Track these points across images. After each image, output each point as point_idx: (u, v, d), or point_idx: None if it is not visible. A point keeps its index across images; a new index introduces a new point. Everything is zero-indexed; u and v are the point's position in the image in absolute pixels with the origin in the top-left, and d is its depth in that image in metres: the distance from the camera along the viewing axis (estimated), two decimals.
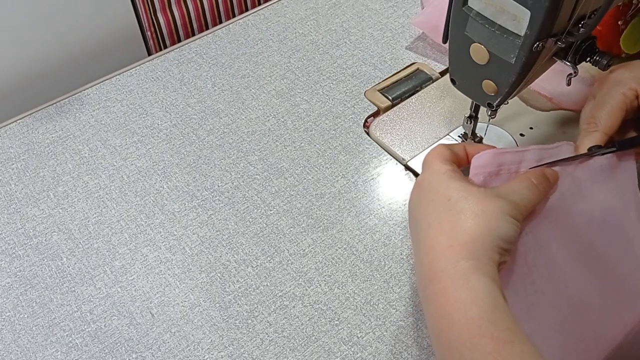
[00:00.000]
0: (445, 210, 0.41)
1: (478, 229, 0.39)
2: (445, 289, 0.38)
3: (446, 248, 0.39)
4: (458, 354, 0.36)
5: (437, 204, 0.42)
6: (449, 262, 0.39)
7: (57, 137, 0.68)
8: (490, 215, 0.40)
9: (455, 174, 0.44)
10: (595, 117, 0.49)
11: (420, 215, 0.43)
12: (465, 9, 0.46)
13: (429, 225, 0.41)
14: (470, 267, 0.38)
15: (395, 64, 0.73)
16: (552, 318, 0.43)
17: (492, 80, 0.49)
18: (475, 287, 0.37)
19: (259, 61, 0.75)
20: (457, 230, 0.40)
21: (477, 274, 0.38)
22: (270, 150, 0.65)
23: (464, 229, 0.40)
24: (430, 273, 0.39)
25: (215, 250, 0.57)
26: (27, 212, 0.61)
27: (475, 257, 0.38)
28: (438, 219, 0.41)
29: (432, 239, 0.41)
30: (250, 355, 0.50)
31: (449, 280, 0.38)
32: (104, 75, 0.74)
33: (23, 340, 0.52)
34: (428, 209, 0.42)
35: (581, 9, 0.43)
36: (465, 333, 0.36)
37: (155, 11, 0.83)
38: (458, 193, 0.42)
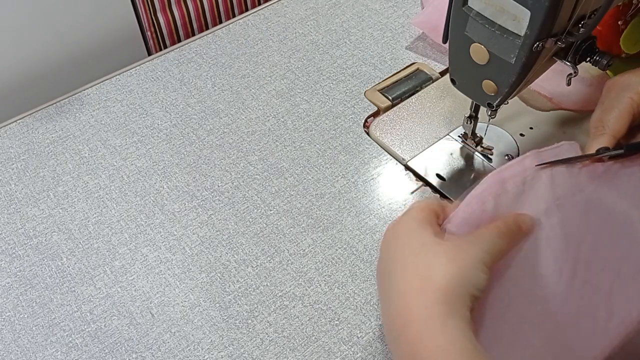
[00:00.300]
0: (421, 255, 0.41)
1: (452, 274, 0.39)
2: (421, 333, 0.38)
3: (421, 291, 0.39)
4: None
5: (412, 248, 0.42)
6: (424, 306, 0.38)
7: (57, 137, 0.68)
8: (461, 261, 0.40)
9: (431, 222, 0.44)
10: (603, 121, 0.49)
11: (394, 257, 0.43)
12: (465, 9, 0.46)
13: (404, 269, 0.41)
14: (444, 311, 0.38)
15: (395, 64, 0.73)
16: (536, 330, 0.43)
17: (492, 80, 0.49)
18: (450, 332, 0.37)
19: (259, 61, 0.75)
20: (432, 275, 0.40)
21: (452, 318, 0.38)
22: (270, 150, 0.65)
23: (439, 274, 0.39)
24: (404, 318, 0.39)
25: (215, 250, 0.57)
26: (27, 212, 0.61)
27: (449, 301, 0.38)
28: (413, 263, 0.41)
29: (407, 283, 0.40)
30: (250, 355, 0.50)
31: (424, 324, 0.38)
32: (104, 75, 0.74)
33: (23, 340, 0.52)
34: (404, 252, 0.42)
35: (581, 9, 0.44)
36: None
37: (155, 11, 0.83)
38: (433, 239, 0.42)
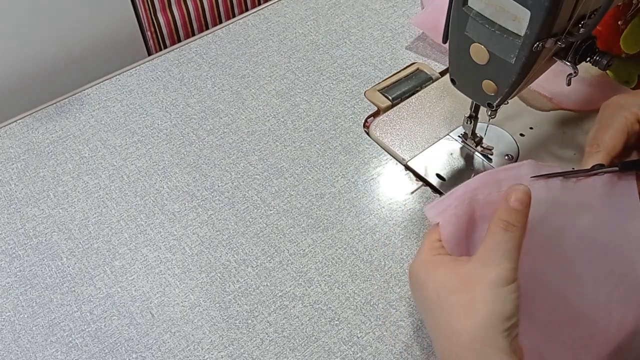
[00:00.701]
0: (439, 311, 0.40)
1: (474, 324, 0.38)
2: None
3: (453, 355, 0.38)
4: None
5: (429, 303, 0.41)
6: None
7: (57, 137, 0.68)
8: (480, 301, 0.38)
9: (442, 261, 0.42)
10: (598, 139, 0.49)
11: (422, 313, 0.43)
12: (465, 9, 0.46)
13: (431, 328, 0.41)
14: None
15: (395, 64, 0.73)
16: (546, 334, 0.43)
17: (492, 80, 0.49)
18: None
19: (259, 61, 0.75)
20: (456, 334, 0.39)
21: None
22: (270, 150, 0.65)
23: (462, 330, 0.38)
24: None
25: (215, 250, 0.57)
26: (27, 212, 0.61)
27: (483, 357, 0.37)
28: (436, 323, 0.41)
29: (439, 345, 0.40)
30: (250, 355, 0.50)
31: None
32: (104, 75, 0.74)
33: (23, 340, 0.52)
34: (425, 308, 0.42)
35: (581, 9, 0.43)
36: None
37: (155, 11, 0.83)
38: (445, 286, 0.40)
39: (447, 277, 0.41)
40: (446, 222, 0.44)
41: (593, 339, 0.44)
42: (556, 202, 0.46)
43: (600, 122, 0.51)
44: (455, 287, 0.40)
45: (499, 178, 0.46)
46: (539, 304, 0.44)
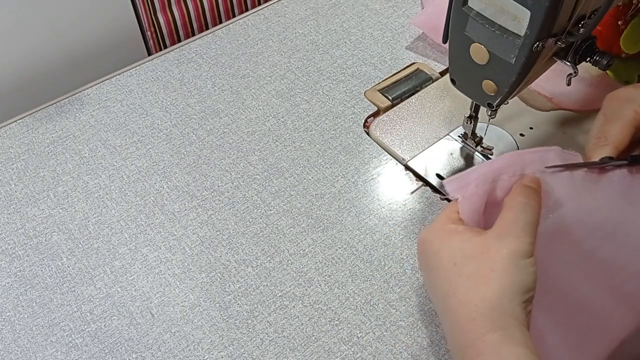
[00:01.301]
0: (456, 278, 0.40)
1: (494, 292, 0.38)
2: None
3: (469, 322, 0.38)
4: None
5: (444, 271, 0.40)
6: (476, 337, 0.37)
7: (57, 137, 0.68)
8: (501, 270, 0.38)
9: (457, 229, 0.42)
10: (606, 132, 0.49)
11: (433, 284, 0.42)
12: (465, 9, 0.46)
13: (445, 297, 0.40)
14: (498, 339, 0.36)
15: (395, 64, 0.73)
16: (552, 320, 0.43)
17: (492, 80, 0.49)
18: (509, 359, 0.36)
19: (259, 61, 0.75)
20: (474, 300, 0.38)
21: (507, 344, 0.36)
22: (270, 150, 0.65)
23: (480, 297, 0.38)
24: (461, 348, 0.38)
25: (215, 250, 0.57)
26: (27, 212, 0.61)
27: (500, 326, 0.37)
28: (452, 290, 0.40)
29: (453, 312, 0.39)
30: (250, 355, 0.50)
31: (480, 356, 0.37)
32: (104, 75, 0.74)
33: (23, 340, 0.52)
34: (438, 277, 0.41)
35: (581, 9, 0.43)
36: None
37: (155, 11, 0.83)
38: (462, 254, 0.40)
39: (464, 244, 0.40)
40: (466, 199, 0.43)
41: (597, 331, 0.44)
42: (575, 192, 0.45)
43: (607, 115, 0.50)
44: (473, 255, 0.40)
45: (524, 160, 0.45)
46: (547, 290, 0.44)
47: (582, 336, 0.44)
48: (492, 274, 0.38)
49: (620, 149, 0.48)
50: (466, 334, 0.38)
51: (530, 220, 0.41)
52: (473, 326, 0.38)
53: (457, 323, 0.39)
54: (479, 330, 0.37)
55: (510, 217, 0.41)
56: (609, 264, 0.45)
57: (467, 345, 0.38)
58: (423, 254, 0.44)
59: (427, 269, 0.43)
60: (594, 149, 0.49)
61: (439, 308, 0.41)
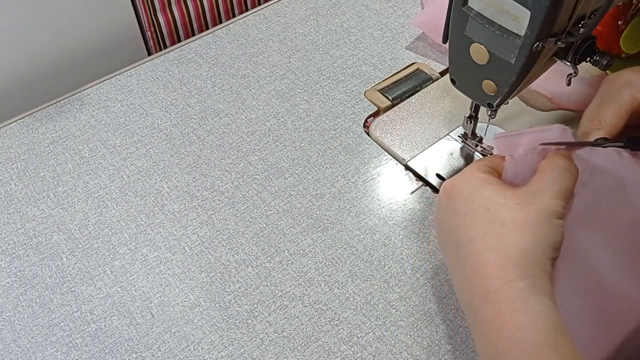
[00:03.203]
0: (487, 223, 0.39)
1: (527, 241, 0.37)
2: (502, 311, 0.36)
3: (497, 267, 0.37)
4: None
5: (475, 215, 0.40)
6: (503, 282, 0.36)
7: (57, 137, 0.68)
8: (535, 223, 0.38)
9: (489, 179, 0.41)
10: (600, 115, 0.48)
11: (457, 228, 0.40)
12: (465, 9, 0.46)
13: (471, 241, 0.39)
14: (526, 286, 0.36)
15: (395, 64, 0.73)
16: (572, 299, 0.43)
17: (492, 80, 0.49)
18: (534, 309, 0.35)
19: (259, 61, 0.75)
20: (505, 246, 0.37)
21: (534, 294, 0.36)
22: (270, 150, 0.65)
23: (512, 244, 0.37)
24: (482, 293, 0.37)
25: (215, 250, 0.57)
26: (27, 212, 0.61)
27: (529, 274, 0.37)
28: (480, 234, 0.39)
29: (478, 256, 0.38)
30: (250, 355, 0.50)
31: (505, 301, 0.36)
32: (104, 75, 0.74)
33: (23, 340, 0.52)
34: (466, 221, 0.40)
35: (581, 9, 0.43)
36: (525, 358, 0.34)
37: (155, 11, 0.83)
38: (495, 201, 0.39)
39: (498, 193, 0.40)
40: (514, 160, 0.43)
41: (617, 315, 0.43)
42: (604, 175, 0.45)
43: (604, 97, 0.49)
44: (507, 204, 0.39)
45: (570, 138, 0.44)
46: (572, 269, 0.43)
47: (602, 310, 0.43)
48: (526, 224, 0.38)
49: (613, 133, 0.47)
50: (491, 279, 0.37)
51: (567, 186, 0.40)
52: (501, 272, 0.37)
53: (481, 268, 0.38)
54: (508, 276, 0.37)
55: (549, 178, 0.40)
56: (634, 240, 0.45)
57: (490, 291, 0.37)
58: (450, 199, 0.42)
59: (452, 214, 0.42)
60: (588, 132, 0.48)
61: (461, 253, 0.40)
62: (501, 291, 0.36)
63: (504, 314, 0.36)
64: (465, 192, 0.41)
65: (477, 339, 0.38)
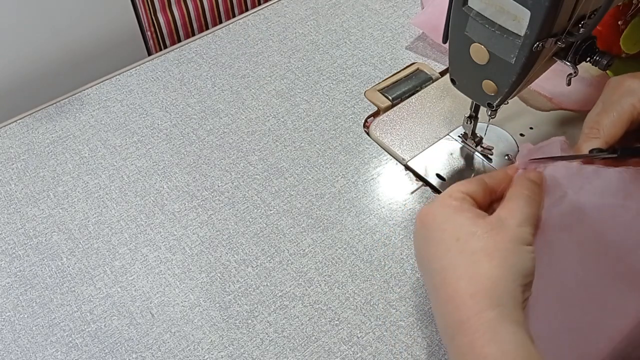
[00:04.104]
0: (457, 253, 0.39)
1: (497, 271, 0.37)
2: (473, 343, 0.36)
3: (468, 297, 0.37)
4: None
5: (446, 244, 0.40)
6: (474, 312, 0.37)
7: (57, 137, 0.68)
8: (504, 251, 0.38)
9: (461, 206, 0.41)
10: (599, 123, 0.48)
11: (430, 257, 0.41)
12: (465, 9, 0.46)
13: (444, 270, 0.39)
14: (497, 316, 0.36)
15: (395, 64, 0.73)
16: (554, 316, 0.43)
17: (492, 80, 0.49)
18: (504, 339, 0.35)
19: (259, 61, 0.75)
20: (476, 276, 0.38)
21: (505, 323, 0.36)
22: (270, 150, 0.65)
23: (482, 273, 0.37)
24: (456, 323, 0.37)
25: (215, 250, 0.57)
26: (27, 212, 0.61)
27: (500, 303, 0.37)
28: (452, 264, 0.39)
29: (450, 287, 0.38)
30: (250, 355, 0.50)
31: (476, 332, 0.36)
32: (104, 75, 0.74)
33: (23, 340, 0.52)
34: (438, 250, 0.40)
35: (581, 9, 0.43)
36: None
37: (155, 11, 0.83)
38: (466, 230, 0.40)
39: (469, 221, 0.40)
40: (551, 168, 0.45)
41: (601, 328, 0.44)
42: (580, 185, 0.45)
43: (606, 104, 0.49)
44: (477, 232, 0.39)
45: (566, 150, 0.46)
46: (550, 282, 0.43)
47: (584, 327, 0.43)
48: (495, 252, 0.38)
49: (611, 142, 0.47)
50: (462, 309, 0.37)
51: (533, 213, 0.41)
52: (472, 302, 0.37)
53: (453, 298, 0.38)
54: (478, 305, 0.37)
55: (514, 206, 0.41)
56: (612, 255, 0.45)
57: (462, 321, 0.37)
58: (424, 227, 0.42)
59: (425, 242, 0.42)
60: (585, 140, 0.48)
61: (434, 282, 0.40)
62: (472, 321, 0.37)
63: (476, 346, 0.36)
64: (438, 219, 0.42)
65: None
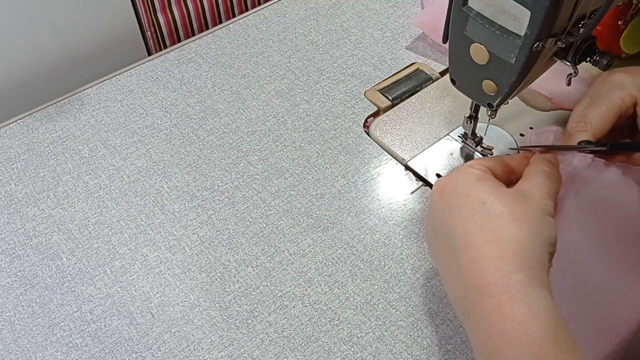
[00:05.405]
0: (484, 216, 0.38)
1: (525, 234, 0.37)
2: (501, 305, 0.35)
3: (496, 259, 0.36)
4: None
5: (471, 208, 0.39)
6: (502, 274, 0.36)
7: (57, 137, 0.68)
8: (531, 217, 0.37)
9: (484, 175, 0.41)
10: (587, 117, 0.47)
11: (452, 222, 0.40)
12: (465, 9, 0.46)
13: (468, 234, 0.38)
14: (526, 279, 0.35)
15: (395, 64, 0.73)
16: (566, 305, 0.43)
17: (492, 80, 0.49)
18: (534, 302, 0.35)
19: (259, 61, 0.75)
20: (504, 238, 0.37)
21: (534, 286, 0.35)
22: (270, 150, 0.65)
23: (511, 236, 0.37)
24: (480, 286, 0.36)
25: (215, 250, 0.57)
26: (27, 212, 0.61)
27: (529, 266, 0.36)
28: (477, 226, 0.38)
29: (476, 249, 0.37)
30: (250, 355, 0.50)
31: (505, 294, 0.35)
32: (104, 75, 0.74)
33: (23, 340, 0.52)
34: (461, 214, 0.39)
35: (581, 9, 0.43)
36: (526, 353, 0.34)
37: (155, 11, 0.83)
38: (491, 195, 0.39)
39: (493, 188, 0.39)
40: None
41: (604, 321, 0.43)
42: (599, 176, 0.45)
43: (594, 97, 0.48)
44: (503, 199, 0.39)
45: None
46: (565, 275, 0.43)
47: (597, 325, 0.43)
48: (523, 217, 0.37)
49: (598, 136, 0.47)
50: (489, 271, 0.36)
51: (554, 188, 0.41)
52: (500, 263, 0.36)
53: (479, 260, 0.37)
54: (507, 267, 0.36)
55: (537, 181, 0.40)
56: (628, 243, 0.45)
57: (488, 284, 0.36)
58: (444, 196, 0.41)
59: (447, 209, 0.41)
60: (572, 134, 0.48)
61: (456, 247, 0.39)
62: (500, 283, 0.36)
63: (504, 307, 0.35)
64: (460, 187, 0.41)
65: (474, 336, 0.37)
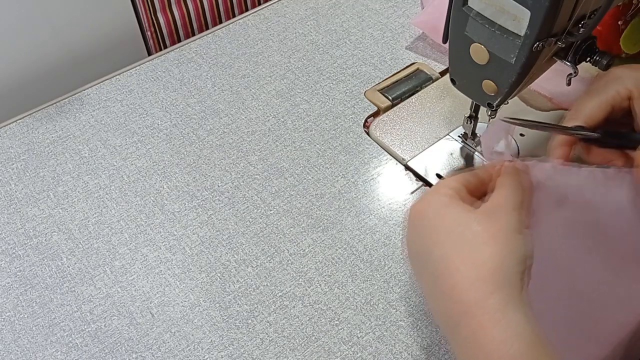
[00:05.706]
0: (459, 237, 0.39)
1: (500, 253, 0.37)
2: (483, 325, 0.36)
3: (474, 280, 0.37)
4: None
5: (447, 229, 0.39)
6: (481, 295, 0.36)
7: (57, 137, 0.68)
8: (505, 235, 0.38)
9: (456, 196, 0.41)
10: (581, 105, 0.48)
11: (429, 245, 0.40)
12: (465, 9, 0.46)
13: (446, 256, 0.39)
14: (505, 298, 0.36)
15: (395, 64, 0.73)
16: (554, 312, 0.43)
17: (492, 80, 0.49)
18: (513, 320, 0.35)
19: (259, 61, 0.75)
20: (480, 258, 0.37)
21: (513, 304, 0.36)
22: (270, 150, 0.65)
23: (487, 256, 0.37)
24: (462, 308, 0.37)
25: (215, 250, 0.57)
26: (27, 212, 0.61)
27: (507, 284, 0.37)
28: (454, 249, 0.39)
29: (454, 271, 0.38)
30: (250, 355, 0.50)
31: (485, 315, 0.36)
32: (104, 75, 0.74)
33: (23, 340, 0.52)
34: (439, 237, 0.40)
35: (581, 9, 0.44)
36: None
37: (155, 11, 0.83)
38: (465, 215, 0.39)
39: (466, 210, 0.40)
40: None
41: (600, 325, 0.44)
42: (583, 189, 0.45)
43: (591, 90, 0.49)
44: (477, 219, 0.39)
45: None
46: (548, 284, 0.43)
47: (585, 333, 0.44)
48: (498, 235, 0.38)
49: (589, 124, 0.47)
50: (469, 292, 0.37)
51: (521, 200, 0.41)
52: (479, 284, 0.37)
53: (459, 282, 0.38)
54: (486, 287, 0.36)
55: (502, 196, 0.41)
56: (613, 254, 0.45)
57: (470, 304, 0.37)
58: (416, 222, 0.42)
59: (424, 232, 0.41)
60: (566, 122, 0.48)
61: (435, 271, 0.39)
62: (480, 305, 0.36)
63: (486, 327, 0.36)
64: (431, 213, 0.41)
65: (460, 355, 0.38)
